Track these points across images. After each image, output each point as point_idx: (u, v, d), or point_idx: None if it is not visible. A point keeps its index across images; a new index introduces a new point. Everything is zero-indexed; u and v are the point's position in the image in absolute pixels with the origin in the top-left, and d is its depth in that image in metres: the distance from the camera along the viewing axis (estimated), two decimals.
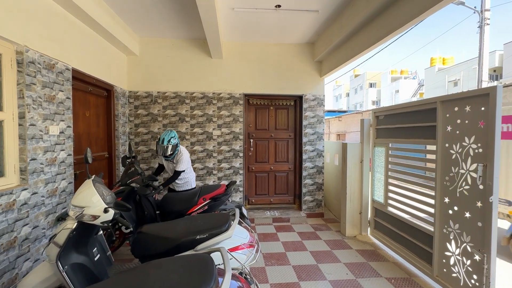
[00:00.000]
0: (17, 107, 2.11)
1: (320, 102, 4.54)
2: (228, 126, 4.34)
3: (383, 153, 3.30)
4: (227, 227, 1.92)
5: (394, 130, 3.13)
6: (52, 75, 2.43)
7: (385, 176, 3.24)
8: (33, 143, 2.20)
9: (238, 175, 4.37)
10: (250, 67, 4.38)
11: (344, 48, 3.81)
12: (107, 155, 3.73)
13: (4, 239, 1.92)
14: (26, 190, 2.13)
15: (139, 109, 4.20)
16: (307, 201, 4.53)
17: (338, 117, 19.42)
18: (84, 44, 2.98)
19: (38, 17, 2.27)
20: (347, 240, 3.54)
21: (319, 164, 4.55)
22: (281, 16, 3.50)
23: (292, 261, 2.95)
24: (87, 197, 1.69)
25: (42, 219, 2.30)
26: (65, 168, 2.61)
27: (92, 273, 1.76)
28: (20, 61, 2.11)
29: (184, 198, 2.92)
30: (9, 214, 1.97)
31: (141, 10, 3.31)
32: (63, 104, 2.59)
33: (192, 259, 1.31)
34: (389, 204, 3.19)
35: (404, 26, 2.62)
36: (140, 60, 4.20)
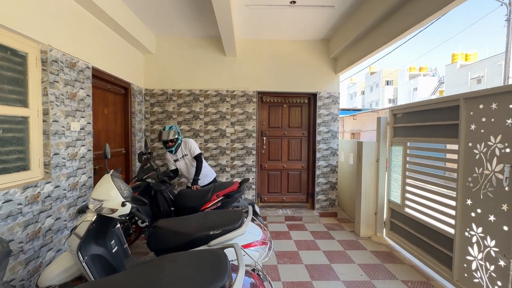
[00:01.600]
0: (41, 104, 2.21)
1: (335, 100, 4.45)
2: (241, 124, 4.35)
3: (400, 153, 3.19)
4: (240, 223, 1.93)
5: (412, 128, 3.02)
6: (74, 73, 2.53)
7: (402, 176, 3.14)
8: (56, 139, 2.30)
9: (250, 173, 4.38)
10: (263, 64, 4.37)
11: (360, 44, 3.71)
12: (124, 151, 3.84)
13: (29, 229, 2.03)
14: (50, 183, 2.23)
15: (155, 107, 4.29)
16: (320, 200, 4.48)
17: (352, 116, 19.03)
18: (104, 43, 3.07)
19: (61, 17, 2.36)
20: (362, 240, 3.46)
21: (333, 163, 4.47)
22: (295, 12, 3.45)
23: (305, 260, 2.93)
24: (106, 191, 1.75)
25: (64, 211, 2.41)
26: (85, 163, 2.72)
27: (110, 265, 1.82)
28: (44, 60, 2.21)
29: (197, 194, 2.97)
30: (34, 206, 2.07)
31: (158, 9, 3.37)
32: (84, 101, 2.68)
33: (206, 254, 1.33)
34: (406, 205, 3.09)
35: (425, 20, 2.51)
36: (156, 58, 4.28)
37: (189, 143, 3.29)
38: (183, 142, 3.32)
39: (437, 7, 2.31)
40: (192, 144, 3.27)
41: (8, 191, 1.85)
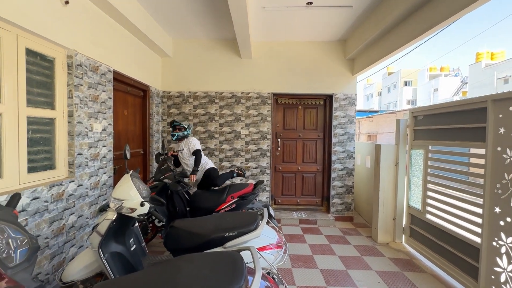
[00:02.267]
0: (67, 106, 2.32)
1: (351, 101, 4.36)
2: (256, 126, 4.36)
3: (421, 156, 3.07)
4: (256, 226, 1.92)
5: (434, 131, 2.90)
6: (97, 76, 2.63)
7: (423, 181, 3.02)
8: (79, 139, 2.40)
9: (265, 175, 4.37)
10: (279, 66, 4.35)
11: (379, 44, 3.62)
12: (142, 151, 3.95)
13: (54, 226, 2.12)
14: (73, 182, 2.34)
15: (172, 108, 4.38)
16: (335, 204, 4.39)
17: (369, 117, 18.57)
18: (124, 47, 3.18)
19: (86, 23, 2.47)
20: (379, 247, 3.36)
21: (349, 166, 4.38)
22: (312, 13, 3.42)
23: (320, 264, 2.87)
24: (126, 190, 1.80)
25: (86, 209, 2.50)
26: (106, 163, 2.82)
27: (128, 262, 1.87)
28: (70, 64, 2.32)
29: (212, 195, 3.00)
30: (59, 203, 2.17)
31: (176, 13, 3.45)
32: (105, 103, 2.79)
33: (223, 256, 1.33)
34: (427, 211, 2.96)
35: (449, 19, 2.41)
36: (173, 61, 4.38)
37: (190, 140, 3.41)
38: (187, 139, 3.44)
39: (463, 5, 2.21)
40: (194, 142, 3.40)
41: (36, 189, 1.95)
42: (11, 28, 1.82)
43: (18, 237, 1.01)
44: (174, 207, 3.01)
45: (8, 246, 0.95)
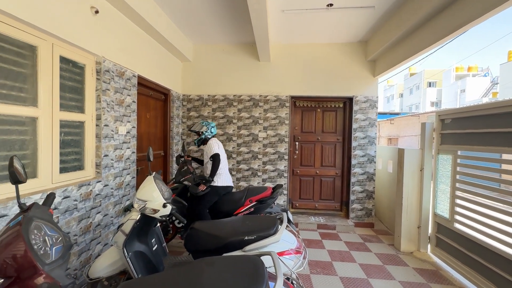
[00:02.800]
0: (95, 110, 2.44)
1: (372, 104, 4.24)
2: (273, 128, 4.35)
3: (449, 162, 2.91)
4: (275, 230, 1.91)
5: (463, 135, 2.74)
6: (122, 81, 2.75)
7: (451, 187, 2.86)
8: (106, 141, 2.52)
9: (282, 178, 4.34)
10: (297, 68, 4.33)
11: (402, 45, 3.49)
12: (163, 153, 4.07)
13: (82, 224, 2.23)
14: (100, 182, 2.45)
15: (191, 111, 4.48)
16: (355, 209, 4.27)
17: (389, 120, 17.95)
18: (147, 53, 3.30)
19: (114, 31, 2.59)
20: (402, 256, 3.21)
21: (369, 171, 4.24)
22: (332, 15, 3.37)
23: (339, 272, 2.80)
24: (149, 192, 1.86)
25: (111, 208, 2.61)
26: (130, 164, 2.93)
27: (150, 262, 1.92)
28: (98, 70, 2.44)
29: (231, 199, 3.01)
30: (87, 202, 2.28)
31: (197, 19, 3.53)
32: (130, 107, 2.91)
33: (244, 260, 1.33)
34: (456, 220, 2.80)
35: (478, 19, 2.28)
36: (193, 65, 4.49)
37: (208, 144, 3.14)
38: (208, 143, 3.17)
39: (494, 4, 2.08)
40: (210, 146, 3.08)
41: (67, 188, 2.06)
42: (47, 38, 1.95)
43: (54, 235, 1.07)
44: (193, 209, 3.06)
45: (45, 244, 1.01)
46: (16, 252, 0.93)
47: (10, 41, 1.73)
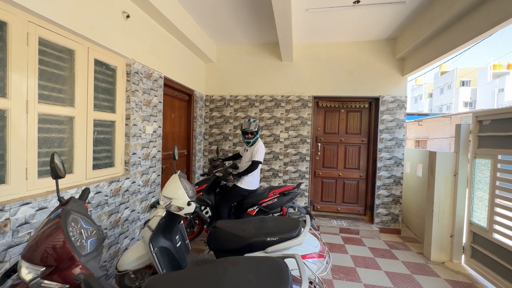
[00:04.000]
0: (125, 110, 2.56)
1: (400, 104, 4.04)
2: (295, 129, 4.29)
3: (488, 167, 2.69)
4: (298, 233, 1.88)
5: (505, 138, 2.52)
6: (150, 82, 2.86)
7: (490, 195, 2.64)
8: (134, 140, 2.63)
9: (303, 179, 4.27)
10: (320, 68, 4.24)
11: (434, 43, 3.29)
12: (186, 152, 4.17)
13: (112, 218, 2.35)
14: (128, 179, 2.56)
15: (214, 112, 4.56)
16: (380, 214, 4.09)
17: (417, 121, 17.03)
18: (173, 55, 3.41)
19: (143, 34, 2.70)
20: (433, 265, 3.02)
21: (397, 174, 4.04)
22: (358, 12, 3.26)
23: (364, 279, 2.69)
24: (174, 190, 1.91)
25: (138, 204, 2.72)
26: (156, 162, 3.03)
27: (174, 258, 1.98)
28: (128, 72, 2.56)
29: (255, 194, 3.19)
30: (117, 198, 2.39)
31: (220, 20, 3.59)
32: (156, 107, 3.01)
33: (268, 262, 1.32)
34: (495, 230, 2.58)
35: None
36: (216, 66, 4.56)
37: (258, 146, 3.11)
38: (257, 142, 3.17)
39: None
40: (259, 149, 3.09)
41: (99, 184, 2.18)
42: (84, 42, 2.08)
43: (89, 228, 1.13)
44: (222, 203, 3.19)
45: (81, 236, 1.07)
46: (56, 243, 1.00)
47: (51, 45, 1.86)
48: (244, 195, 3.11)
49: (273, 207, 3.08)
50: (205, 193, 3.18)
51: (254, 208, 3.10)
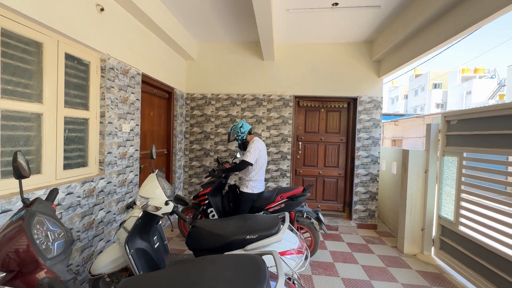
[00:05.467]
0: (99, 107, 2.45)
1: (377, 104, 4.20)
2: (277, 128, 4.33)
3: (454, 164, 2.88)
4: (277, 230, 1.90)
5: (470, 137, 2.70)
6: (126, 79, 2.76)
7: (456, 190, 2.82)
8: (110, 139, 2.53)
9: (285, 178, 4.32)
10: (301, 68, 4.31)
11: (408, 45, 3.46)
12: (166, 151, 4.08)
13: (85, 220, 2.24)
14: (103, 179, 2.46)
15: (195, 110, 4.49)
16: (358, 211, 4.23)
17: (394, 121, 17.82)
18: (152, 51, 3.31)
19: (118, 28, 2.60)
20: (406, 258, 3.18)
21: (373, 172, 4.21)
22: (337, 15, 3.35)
23: (341, 273, 2.78)
24: (152, 189, 1.86)
25: (113, 205, 2.62)
26: (133, 162, 2.94)
27: (152, 259, 1.93)
28: (103, 67, 2.45)
29: (263, 197, 3.01)
30: (90, 199, 2.29)
31: (201, 18, 3.53)
32: (134, 105, 2.91)
33: (245, 259, 1.32)
34: (461, 222, 2.76)
35: (485, 20, 2.25)
36: (198, 64, 4.49)
37: (250, 147, 2.88)
38: (250, 143, 2.94)
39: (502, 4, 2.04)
40: (248, 151, 2.87)
41: (70, 184, 2.08)
42: (53, 35, 1.96)
43: (56, 230, 1.07)
44: (229, 204, 3.25)
45: (47, 238, 1.02)
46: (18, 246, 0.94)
47: (16, 37, 1.75)
48: (253, 199, 2.93)
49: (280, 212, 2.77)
50: (211, 196, 3.14)
51: (261, 213, 2.93)
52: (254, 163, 2.86)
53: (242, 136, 2.99)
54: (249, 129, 3.03)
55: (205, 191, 3.14)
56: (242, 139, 3.00)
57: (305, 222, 2.99)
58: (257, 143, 2.91)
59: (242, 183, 3.00)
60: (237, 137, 3.01)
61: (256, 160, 2.87)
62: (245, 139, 3.01)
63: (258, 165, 2.91)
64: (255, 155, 2.83)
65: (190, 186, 4.50)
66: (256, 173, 2.91)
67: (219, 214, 3.16)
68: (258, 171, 2.93)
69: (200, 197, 3.16)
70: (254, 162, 2.85)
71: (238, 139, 3.01)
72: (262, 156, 2.94)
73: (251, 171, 2.91)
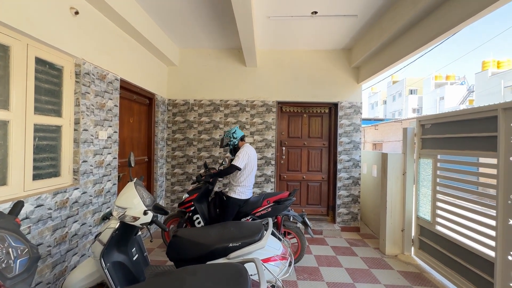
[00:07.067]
0: (73, 114, 2.34)
1: (357, 109, 4.33)
2: (260, 134, 4.34)
3: (429, 166, 3.00)
4: (260, 236, 1.88)
5: (443, 140, 2.84)
6: (103, 84, 2.66)
7: (432, 191, 2.94)
8: (85, 147, 2.41)
9: (269, 183, 4.32)
10: (284, 74, 4.37)
11: (384, 53, 3.61)
12: (147, 159, 3.95)
13: (57, 234, 2.11)
14: (78, 189, 2.33)
15: (177, 116, 4.41)
16: (341, 214, 4.30)
17: (374, 126, 18.45)
18: (131, 56, 3.23)
19: (95, 32, 2.52)
20: (387, 259, 3.25)
21: (355, 175, 4.30)
22: (317, 23, 3.44)
23: (326, 277, 2.78)
24: (129, 198, 1.78)
25: (89, 217, 2.49)
26: (111, 170, 2.81)
27: (130, 272, 1.83)
28: (77, 72, 2.35)
29: (249, 202, 3.01)
30: (63, 211, 2.16)
31: (182, 23, 3.51)
32: (111, 111, 2.81)
33: (226, 268, 1.29)
34: (437, 222, 2.87)
35: (455, 28, 2.40)
36: (179, 70, 4.43)
37: (239, 152, 2.92)
38: (240, 148, 2.98)
39: (470, 13, 2.19)
40: (240, 154, 2.89)
41: (40, 196, 1.95)
42: (21, 38, 1.86)
43: (19, 246, 0.99)
44: (215, 210, 3.19)
45: (8, 256, 0.93)
46: None
47: None
48: (240, 204, 2.94)
49: (267, 216, 2.87)
50: (197, 202, 3.10)
51: (248, 218, 2.96)
52: (243, 169, 2.89)
53: (234, 142, 3.04)
54: (241, 136, 3.09)
55: (191, 197, 3.09)
56: (234, 144, 3.05)
57: (291, 226, 3.00)
58: (247, 149, 2.94)
59: (231, 188, 3.01)
60: (229, 142, 3.06)
61: (245, 166, 2.89)
62: (237, 145, 3.06)
63: (247, 170, 2.92)
64: (243, 160, 2.86)
65: (173, 194, 4.38)
66: (244, 178, 2.92)
67: (205, 221, 3.10)
68: (247, 177, 2.94)
69: (186, 204, 3.10)
70: (243, 167, 2.87)
71: (230, 144, 3.06)
72: (252, 162, 2.95)
73: (240, 176, 2.92)
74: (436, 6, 2.54)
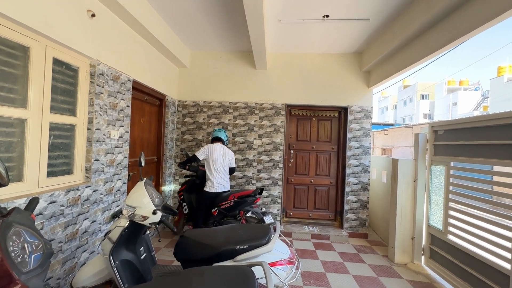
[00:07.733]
0: (87, 113, 2.40)
1: (367, 114, 4.28)
2: (269, 136, 4.34)
3: (442, 173, 2.93)
4: (267, 240, 1.87)
5: (457, 147, 2.77)
6: (117, 85, 2.72)
7: (445, 199, 2.86)
8: (97, 146, 2.46)
9: (276, 186, 4.30)
10: (293, 77, 4.36)
11: (396, 57, 3.56)
12: (156, 159, 4.00)
13: (68, 230, 2.15)
14: (89, 187, 2.38)
15: (186, 117, 4.46)
16: (349, 219, 4.23)
17: (384, 131, 18.17)
18: (144, 58, 3.29)
19: (109, 34, 2.58)
20: (396, 267, 3.17)
21: (364, 180, 4.24)
22: (328, 26, 3.43)
23: (333, 283, 2.74)
24: (139, 198, 1.80)
25: (99, 215, 2.53)
26: (121, 169, 2.86)
27: (137, 271, 1.85)
28: (92, 73, 2.41)
29: (221, 196, 3.36)
30: (74, 208, 2.21)
31: (195, 26, 3.56)
32: (123, 111, 2.87)
33: (234, 271, 1.29)
34: (449, 231, 2.79)
35: (469, 34, 2.34)
36: (190, 71, 4.49)
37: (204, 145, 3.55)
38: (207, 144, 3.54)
39: (485, 19, 2.14)
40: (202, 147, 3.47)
41: (54, 193, 2.00)
42: (41, 39, 1.92)
43: (34, 241, 1.02)
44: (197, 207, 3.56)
45: (24, 251, 0.96)
46: None
47: (1, 41, 1.70)
48: (211, 197, 3.33)
49: (231, 210, 3.25)
50: (185, 192, 3.70)
51: (215, 209, 3.33)
52: (207, 165, 3.37)
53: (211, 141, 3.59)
54: (214, 137, 3.53)
55: (181, 188, 3.77)
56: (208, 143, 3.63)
57: (250, 221, 3.30)
58: (210, 145, 3.40)
59: (205, 183, 3.44)
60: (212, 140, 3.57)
61: (205, 160, 3.37)
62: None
63: (211, 167, 3.33)
64: (202, 153, 3.34)
65: None
66: (210, 173, 3.35)
67: (190, 209, 3.64)
68: (213, 172, 3.33)
69: (180, 193, 3.79)
70: (201, 158, 3.34)
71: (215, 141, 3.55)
72: (214, 157, 3.33)
73: (208, 172, 3.37)
74: (451, 11, 2.49)
